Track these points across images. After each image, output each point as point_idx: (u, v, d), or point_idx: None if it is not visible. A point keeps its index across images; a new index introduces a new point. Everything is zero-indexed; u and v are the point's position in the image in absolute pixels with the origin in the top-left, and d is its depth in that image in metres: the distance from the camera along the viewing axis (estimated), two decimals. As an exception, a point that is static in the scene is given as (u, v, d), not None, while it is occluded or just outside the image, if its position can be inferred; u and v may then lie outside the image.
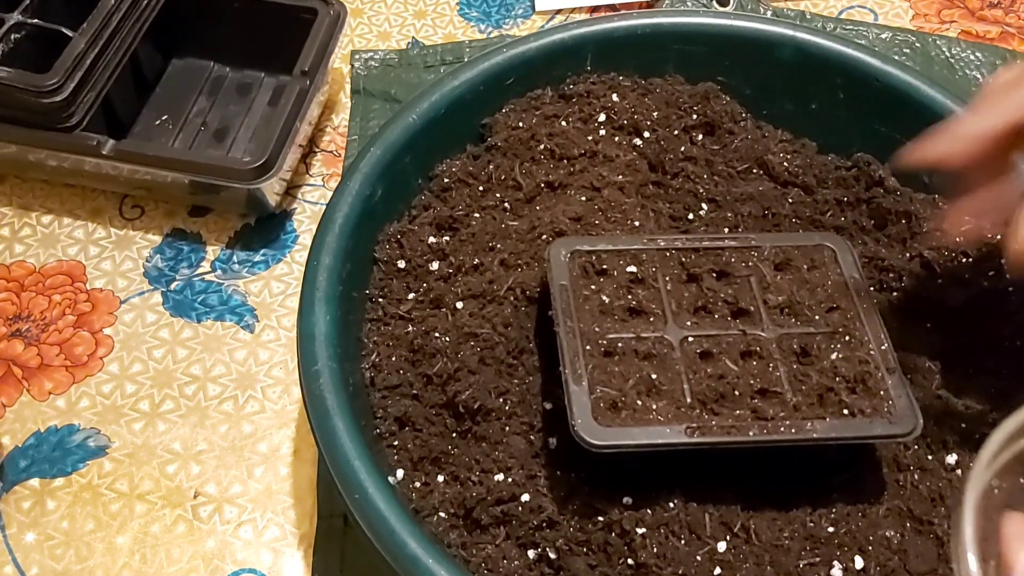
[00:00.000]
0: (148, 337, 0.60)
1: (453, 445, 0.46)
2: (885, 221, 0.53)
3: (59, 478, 0.55)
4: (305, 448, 0.56)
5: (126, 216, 0.66)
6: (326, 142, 0.71)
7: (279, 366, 0.59)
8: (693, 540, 0.41)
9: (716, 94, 0.58)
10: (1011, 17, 0.78)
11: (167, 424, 0.57)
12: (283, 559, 0.52)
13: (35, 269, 0.64)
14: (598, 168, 0.55)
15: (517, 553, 0.43)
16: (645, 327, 0.45)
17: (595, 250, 0.47)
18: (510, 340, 0.47)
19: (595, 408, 0.41)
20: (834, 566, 0.42)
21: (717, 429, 0.41)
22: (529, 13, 0.79)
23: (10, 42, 0.63)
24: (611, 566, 0.42)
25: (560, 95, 0.59)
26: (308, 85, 0.64)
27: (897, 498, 0.44)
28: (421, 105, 0.55)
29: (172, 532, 0.53)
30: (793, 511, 0.43)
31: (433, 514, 0.45)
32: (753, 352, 0.44)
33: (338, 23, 0.68)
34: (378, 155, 0.53)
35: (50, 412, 0.57)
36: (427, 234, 0.53)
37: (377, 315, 0.51)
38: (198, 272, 0.64)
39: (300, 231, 0.66)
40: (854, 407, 0.42)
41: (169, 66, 0.73)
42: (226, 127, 0.70)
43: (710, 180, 0.56)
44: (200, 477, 0.55)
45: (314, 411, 0.44)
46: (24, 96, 0.59)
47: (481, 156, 0.57)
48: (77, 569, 0.52)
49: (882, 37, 0.76)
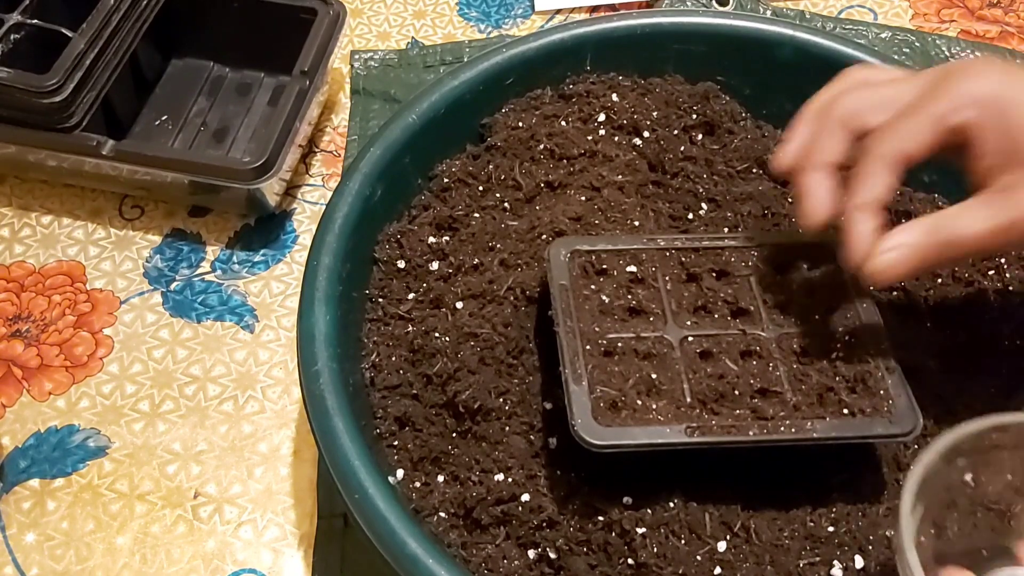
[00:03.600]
0: (148, 337, 0.60)
1: (453, 445, 0.46)
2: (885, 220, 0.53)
3: (59, 478, 0.55)
4: (305, 448, 0.56)
5: (126, 216, 0.66)
6: (326, 142, 0.71)
7: (279, 366, 0.59)
8: (693, 540, 0.41)
9: (716, 94, 0.58)
10: (1011, 16, 0.78)
11: (167, 424, 0.57)
12: (283, 559, 0.52)
13: (35, 269, 0.64)
14: (598, 168, 0.55)
15: (517, 553, 0.43)
16: (645, 327, 0.45)
17: (595, 250, 0.47)
18: (510, 340, 0.47)
19: (595, 408, 0.41)
20: (834, 566, 0.41)
21: (717, 429, 0.41)
22: (529, 13, 0.79)
23: (10, 42, 0.63)
24: (611, 566, 0.42)
25: (560, 95, 0.59)
26: (308, 85, 0.64)
27: (897, 497, 0.44)
28: (421, 105, 0.55)
29: (172, 532, 0.53)
30: (793, 511, 0.43)
31: (433, 514, 0.45)
32: (753, 352, 0.44)
33: (338, 23, 0.68)
34: (378, 155, 0.53)
35: (50, 412, 0.57)
36: (427, 234, 0.53)
37: (377, 315, 0.51)
38: (198, 272, 0.64)
39: (300, 231, 0.66)
40: (854, 407, 0.42)
41: (169, 66, 0.73)
42: (226, 127, 0.70)
43: (710, 180, 0.56)
44: (200, 477, 0.55)
45: (314, 411, 0.44)
46: (24, 96, 0.59)
47: (481, 156, 0.57)
48: (77, 569, 0.52)
49: (882, 36, 0.76)
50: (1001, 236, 0.38)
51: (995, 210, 0.38)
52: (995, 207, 0.38)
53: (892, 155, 0.39)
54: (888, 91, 0.41)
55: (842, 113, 0.41)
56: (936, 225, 0.39)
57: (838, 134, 0.41)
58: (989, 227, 0.38)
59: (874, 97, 0.41)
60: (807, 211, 0.41)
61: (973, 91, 0.38)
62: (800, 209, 0.41)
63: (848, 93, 0.42)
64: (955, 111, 0.38)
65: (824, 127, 0.41)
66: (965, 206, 0.39)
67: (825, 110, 0.42)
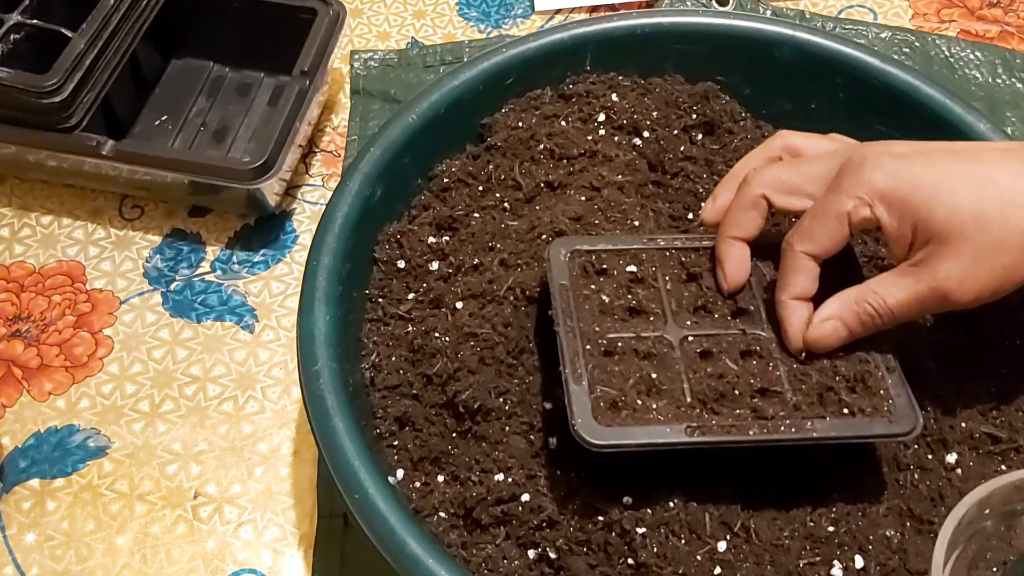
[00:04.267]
0: (148, 337, 0.60)
1: (453, 445, 0.46)
2: None
3: (59, 479, 0.55)
4: (305, 448, 0.56)
5: (126, 216, 0.66)
6: (326, 142, 0.71)
7: (279, 366, 0.59)
8: (693, 540, 0.41)
9: (716, 94, 0.58)
10: (1011, 16, 0.78)
11: (167, 424, 0.57)
12: (283, 559, 0.52)
13: (35, 270, 0.64)
14: (598, 168, 0.55)
15: (517, 553, 0.43)
16: (645, 326, 0.45)
17: (595, 250, 0.47)
18: (510, 340, 0.47)
19: (595, 408, 0.41)
20: (834, 565, 0.41)
21: (717, 428, 0.41)
22: (528, 13, 0.79)
23: (10, 42, 0.63)
24: (611, 566, 0.42)
25: (560, 95, 0.59)
26: (308, 85, 0.64)
27: (897, 497, 0.44)
28: (421, 105, 0.55)
29: (172, 532, 0.53)
30: (793, 510, 0.43)
31: (433, 514, 0.45)
32: (753, 351, 0.44)
33: (337, 23, 0.68)
34: (378, 155, 0.53)
35: (50, 413, 0.57)
36: (427, 234, 0.53)
37: (377, 315, 0.51)
38: (198, 272, 0.64)
39: (300, 231, 0.66)
40: (854, 406, 0.42)
41: (169, 66, 0.73)
42: (226, 127, 0.70)
43: (710, 180, 0.56)
44: (200, 477, 0.55)
45: (314, 411, 0.44)
46: (24, 96, 0.59)
47: (481, 156, 0.57)
48: (77, 570, 0.52)
49: (882, 36, 0.76)
50: (919, 304, 0.42)
51: (912, 280, 0.42)
52: (912, 278, 0.42)
53: (811, 253, 0.44)
54: (800, 172, 0.45)
55: (755, 191, 0.45)
56: (860, 296, 0.43)
57: (749, 213, 0.46)
58: (908, 296, 0.42)
59: (786, 177, 0.45)
60: (725, 275, 0.46)
61: (874, 184, 0.42)
62: (719, 272, 0.46)
63: (766, 170, 0.46)
64: (859, 207, 0.42)
65: (738, 202, 0.46)
66: (884, 278, 0.43)
67: (746, 181, 0.46)
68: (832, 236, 0.43)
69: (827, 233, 0.43)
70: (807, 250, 0.44)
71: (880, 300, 0.42)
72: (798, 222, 0.45)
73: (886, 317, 0.43)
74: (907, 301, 0.42)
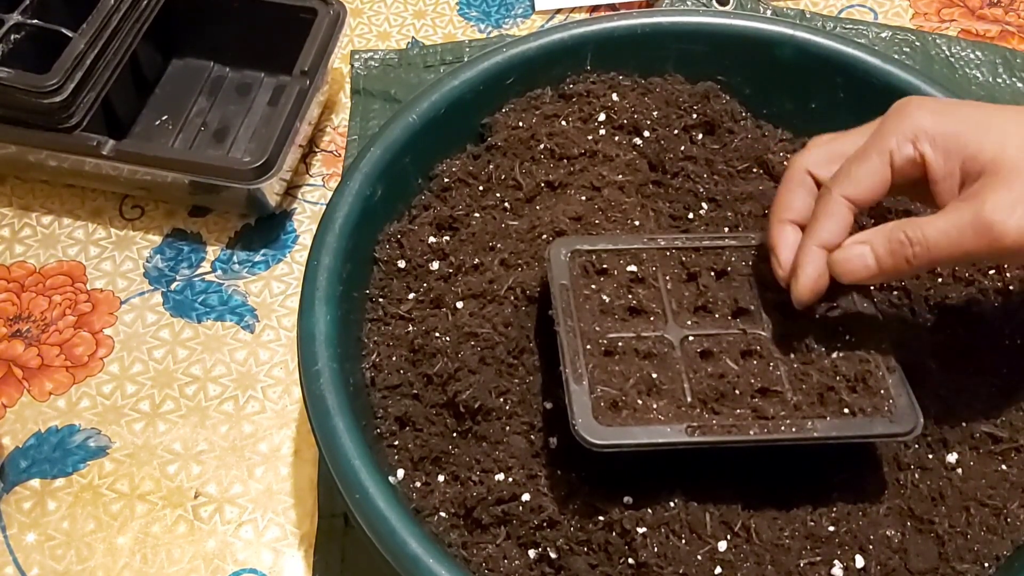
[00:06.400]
0: (148, 337, 0.60)
1: (453, 445, 0.46)
2: (885, 220, 0.53)
3: (60, 478, 0.55)
4: (305, 448, 0.56)
5: (126, 216, 0.66)
6: (326, 142, 0.71)
7: (279, 366, 0.59)
8: (694, 539, 0.41)
9: (716, 93, 0.58)
10: (1011, 16, 0.78)
11: (167, 424, 0.57)
12: (284, 559, 0.52)
13: (35, 269, 0.64)
14: (598, 168, 0.55)
15: (517, 553, 0.43)
16: (645, 326, 0.45)
17: (595, 249, 0.47)
18: (510, 340, 0.47)
19: (596, 407, 0.41)
20: (835, 565, 0.41)
21: (718, 428, 0.41)
22: (529, 13, 0.79)
23: (10, 42, 0.63)
24: (612, 565, 0.42)
25: (560, 95, 0.59)
26: (308, 85, 0.64)
27: (898, 497, 0.44)
28: (421, 105, 0.55)
29: (173, 532, 0.53)
30: (794, 510, 0.43)
31: (433, 514, 0.45)
32: (753, 351, 0.44)
33: (338, 23, 0.68)
34: (378, 155, 0.53)
35: (50, 412, 0.57)
36: (427, 234, 0.53)
37: (377, 315, 0.51)
38: (198, 272, 0.64)
39: (300, 231, 0.66)
40: (855, 406, 0.42)
41: (169, 66, 0.73)
42: (226, 127, 0.70)
43: (710, 179, 0.56)
44: (201, 477, 0.55)
45: (314, 411, 0.44)
46: (24, 96, 0.59)
47: (481, 156, 0.57)
48: (78, 569, 0.52)
49: (882, 36, 0.76)
50: (959, 239, 0.39)
51: (955, 214, 0.39)
52: (955, 212, 0.39)
53: (850, 196, 0.41)
54: (842, 141, 0.44)
55: (799, 169, 0.44)
56: (897, 225, 0.40)
57: (797, 192, 0.44)
58: (948, 227, 0.39)
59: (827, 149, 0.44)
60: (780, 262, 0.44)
61: (920, 123, 0.41)
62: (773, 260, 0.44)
63: (806, 149, 0.45)
64: (903, 145, 0.41)
65: (785, 184, 0.45)
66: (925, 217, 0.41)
67: (790, 163, 0.45)
68: (873, 177, 0.41)
69: (869, 173, 0.41)
70: (845, 192, 0.41)
71: (918, 231, 0.39)
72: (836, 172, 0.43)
73: (921, 254, 0.39)
74: (946, 232, 0.39)
